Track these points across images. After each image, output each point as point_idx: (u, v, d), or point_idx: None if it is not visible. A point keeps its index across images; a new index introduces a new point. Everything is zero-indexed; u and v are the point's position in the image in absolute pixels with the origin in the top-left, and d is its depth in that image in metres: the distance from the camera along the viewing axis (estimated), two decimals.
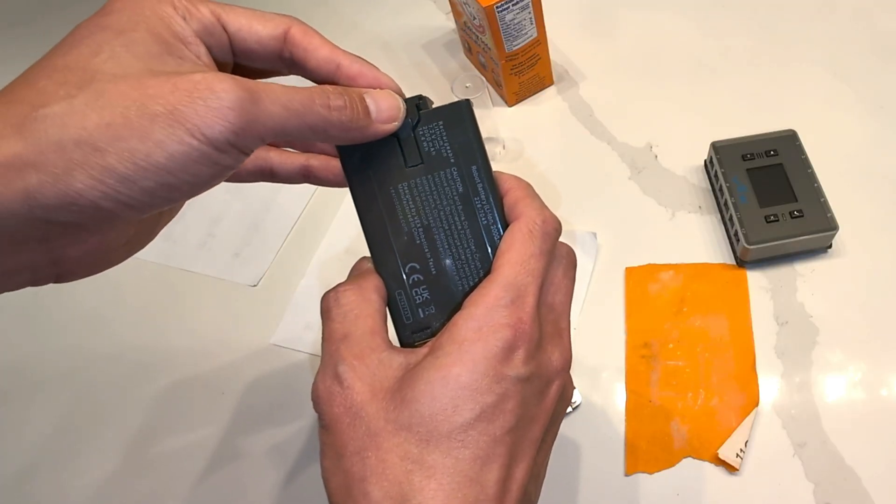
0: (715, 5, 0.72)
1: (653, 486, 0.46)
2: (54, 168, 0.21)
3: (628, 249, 0.57)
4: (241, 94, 0.22)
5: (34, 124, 0.21)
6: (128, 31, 0.24)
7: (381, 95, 0.28)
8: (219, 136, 0.22)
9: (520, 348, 0.27)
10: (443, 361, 0.26)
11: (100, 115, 0.21)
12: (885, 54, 0.66)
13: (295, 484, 0.50)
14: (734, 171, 0.55)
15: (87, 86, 0.22)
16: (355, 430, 0.26)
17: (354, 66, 0.29)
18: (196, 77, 0.22)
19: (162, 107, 0.22)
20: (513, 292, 0.27)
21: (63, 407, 0.56)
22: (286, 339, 0.56)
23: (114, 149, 0.21)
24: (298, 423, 0.52)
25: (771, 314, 0.52)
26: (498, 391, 0.26)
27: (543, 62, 0.66)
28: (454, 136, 0.30)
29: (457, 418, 0.25)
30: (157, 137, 0.22)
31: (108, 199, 0.22)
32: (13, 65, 0.94)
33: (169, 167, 0.22)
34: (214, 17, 0.26)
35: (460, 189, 0.30)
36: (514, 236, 0.28)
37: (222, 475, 0.51)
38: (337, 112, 0.26)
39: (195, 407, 0.54)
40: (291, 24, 0.28)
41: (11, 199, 0.21)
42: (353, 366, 0.27)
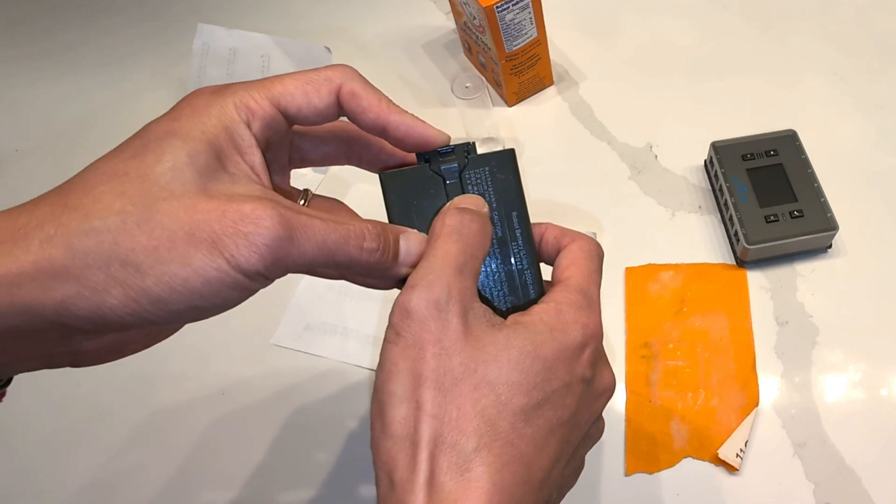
0: (715, 5, 0.72)
1: (653, 486, 0.46)
2: (94, 283, 0.22)
3: (628, 249, 0.57)
4: (280, 234, 0.24)
5: (85, 238, 0.22)
6: (192, 139, 0.25)
7: (415, 240, 0.29)
8: (251, 268, 0.24)
9: (588, 349, 0.28)
10: (538, 338, 0.27)
11: (149, 237, 0.23)
12: (885, 54, 0.66)
13: (295, 484, 0.50)
14: (734, 171, 0.55)
15: (141, 201, 0.23)
16: (441, 364, 0.25)
17: (401, 128, 0.30)
18: (245, 208, 0.24)
19: (207, 234, 0.23)
20: (587, 298, 0.29)
21: (61, 407, 0.56)
22: (286, 339, 0.56)
23: (154, 272, 0.23)
24: (299, 423, 0.52)
25: (771, 314, 0.52)
26: (566, 381, 0.27)
27: (543, 62, 0.66)
28: (498, 182, 0.31)
29: (533, 395, 0.26)
30: (197, 265, 0.23)
31: (135, 316, 0.23)
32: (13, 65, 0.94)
33: (202, 292, 0.24)
34: (273, 108, 0.27)
35: (499, 234, 0.31)
36: (574, 253, 0.30)
37: (222, 475, 0.51)
38: (367, 254, 0.27)
39: (195, 407, 0.54)
40: (341, 82, 0.29)
41: (45, 305, 0.22)
42: (457, 299, 0.26)
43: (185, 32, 0.70)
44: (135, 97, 0.76)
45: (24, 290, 0.22)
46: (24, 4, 0.88)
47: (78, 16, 0.86)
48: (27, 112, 0.78)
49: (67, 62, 0.81)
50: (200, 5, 0.85)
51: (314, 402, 0.53)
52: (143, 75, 0.78)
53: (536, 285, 0.31)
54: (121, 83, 0.78)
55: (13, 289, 0.22)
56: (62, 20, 0.86)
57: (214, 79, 0.68)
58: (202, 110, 0.26)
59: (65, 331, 0.24)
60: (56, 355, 0.26)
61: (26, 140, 0.75)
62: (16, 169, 0.73)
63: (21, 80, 0.80)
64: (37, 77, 0.80)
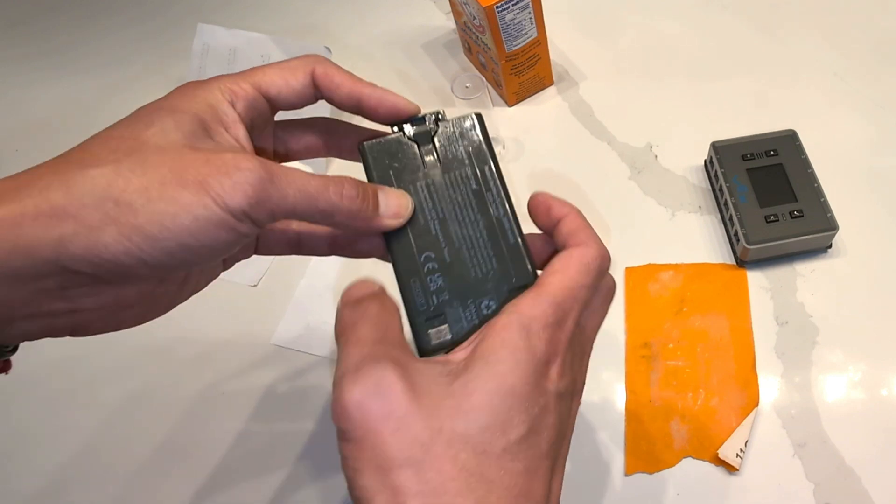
0: (715, 5, 0.72)
1: (653, 486, 0.46)
2: (91, 221, 0.24)
3: (628, 249, 0.57)
4: (262, 174, 0.26)
5: (82, 181, 0.24)
6: (178, 111, 0.27)
7: (393, 194, 0.31)
8: (236, 206, 0.25)
9: (555, 363, 0.27)
10: (498, 369, 0.26)
11: (140, 179, 0.24)
12: (885, 54, 0.66)
13: (296, 483, 0.50)
14: (734, 171, 0.55)
15: (134, 153, 0.25)
16: (402, 440, 0.24)
17: (373, 98, 0.32)
18: (227, 155, 0.26)
19: (193, 177, 0.25)
20: (560, 314, 0.28)
21: (60, 408, 0.56)
22: (286, 339, 0.56)
23: (146, 210, 0.24)
24: (299, 423, 0.52)
25: (771, 314, 0.52)
26: (542, 403, 0.26)
27: (543, 62, 0.66)
28: (468, 142, 0.34)
29: (512, 431, 0.25)
30: (185, 202, 0.25)
31: (129, 255, 0.25)
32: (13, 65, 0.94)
33: (191, 229, 0.25)
34: (255, 90, 0.30)
35: (474, 186, 0.33)
36: (571, 261, 0.29)
37: (222, 475, 0.51)
38: (348, 200, 0.28)
39: (195, 407, 0.54)
40: (315, 66, 0.31)
41: (44, 244, 0.24)
42: (392, 369, 0.25)
43: (185, 32, 0.70)
44: (135, 97, 0.76)
45: (24, 229, 0.23)
46: (24, 4, 0.88)
47: (78, 16, 0.86)
48: (27, 112, 0.78)
49: (67, 62, 0.81)
50: (200, 5, 0.85)
51: (314, 402, 0.53)
52: (144, 75, 0.78)
53: (515, 230, 0.33)
54: (121, 83, 0.78)
55: (15, 228, 0.23)
56: (62, 20, 0.86)
57: None
58: (189, 92, 0.29)
59: (64, 276, 0.25)
60: (57, 315, 0.26)
61: (26, 140, 0.75)
62: (16, 169, 0.73)
63: (21, 80, 0.80)
64: (37, 77, 0.80)
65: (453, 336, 0.31)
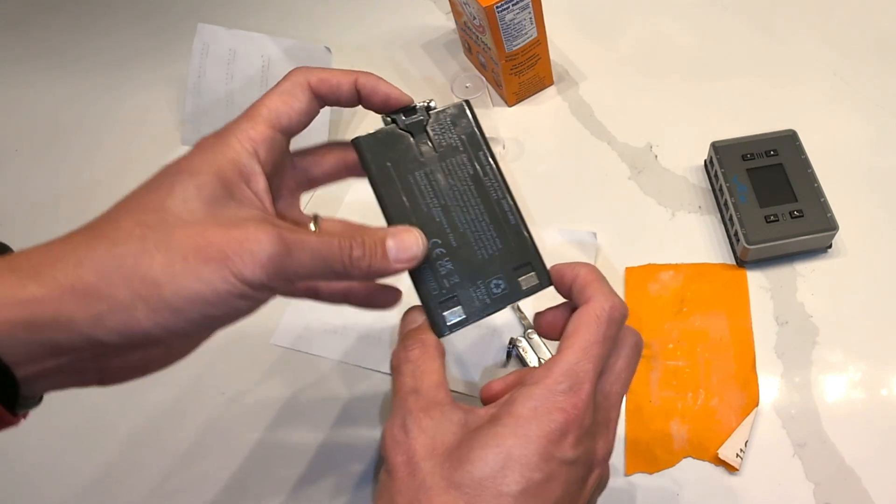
0: (715, 5, 0.72)
1: (653, 486, 0.46)
2: (122, 299, 0.25)
3: (628, 249, 0.57)
4: (279, 248, 0.27)
5: (111, 260, 0.26)
6: (199, 174, 0.28)
7: (401, 236, 0.31)
8: (255, 279, 0.27)
9: (570, 433, 0.29)
10: (499, 431, 0.28)
11: (165, 255, 0.26)
12: (885, 54, 0.66)
13: (296, 483, 0.50)
14: (734, 171, 0.55)
15: (158, 228, 0.26)
16: (412, 481, 0.28)
17: (367, 85, 0.33)
18: (247, 228, 0.27)
19: (215, 252, 0.26)
20: (572, 378, 0.29)
21: (59, 407, 0.56)
22: (286, 339, 0.56)
23: (171, 285, 0.26)
24: (299, 423, 0.52)
25: (771, 314, 0.52)
26: (546, 470, 0.28)
27: (543, 62, 0.66)
28: (461, 129, 0.34)
29: (503, 487, 0.27)
30: (207, 277, 0.26)
31: (158, 327, 0.26)
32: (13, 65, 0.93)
33: (213, 301, 0.26)
34: (269, 128, 0.31)
35: (471, 171, 0.34)
36: (580, 320, 0.31)
37: (222, 475, 0.51)
38: (357, 261, 0.30)
39: (195, 407, 0.54)
40: (306, 78, 0.32)
41: (82, 320, 0.25)
42: (418, 418, 0.30)
43: (185, 32, 0.70)
44: (135, 97, 0.76)
45: (65, 306, 0.25)
46: (24, 4, 0.88)
47: (78, 16, 0.86)
48: (27, 112, 0.78)
49: (67, 62, 0.81)
50: (200, 5, 0.85)
51: (314, 402, 0.53)
52: (143, 75, 0.78)
53: (514, 210, 0.34)
54: (121, 83, 0.78)
55: (55, 304, 0.25)
56: (62, 20, 0.86)
57: (214, 79, 0.68)
58: (208, 149, 0.30)
59: (98, 346, 0.26)
60: (87, 372, 0.28)
61: (26, 140, 0.75)
62: (16, 169, 0.73)
63: (21, 80, 0.80)
64: (37, 77, 0.80)
65: (468, 316, 0.33)
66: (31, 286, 0.25)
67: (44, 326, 0.25)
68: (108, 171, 0.70)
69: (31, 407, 0.29)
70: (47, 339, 0.25)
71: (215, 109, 0.69)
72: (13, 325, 0.25)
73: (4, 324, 0.24)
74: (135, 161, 0.70)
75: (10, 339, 0.25)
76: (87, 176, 0.71)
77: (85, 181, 0.70)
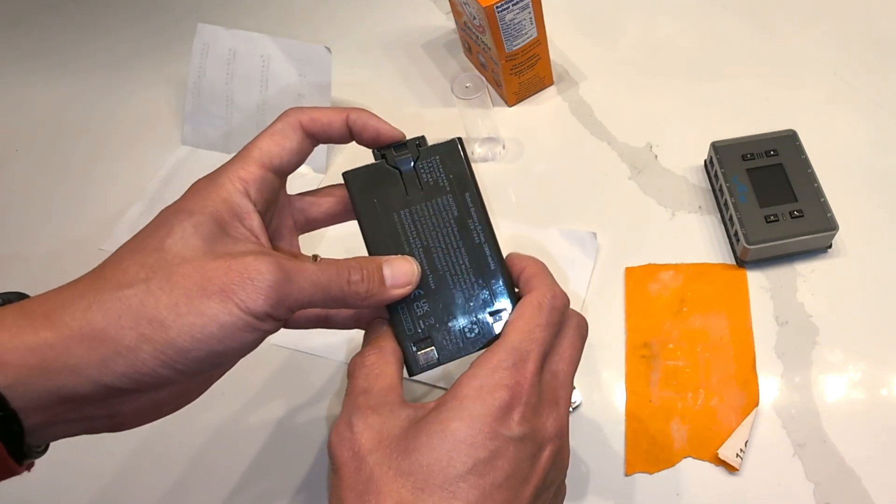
0: (715, 5, 0.72)
1: (653, 486, 0.46)
2: (128, 341, 0.26)
3: (628, 249, 0.57)
4: (279, 276, 0.28)
5: (117, 302, 0.26)
6: (196, 213, 0.29)
7: (397, 264, 0.32)
8: (259, 309, 0.27)
9: (515, 409, 0.29)
10: (444, 416, 0.28)
11: (169, 295, 0.26)
12: (885, 54, 0.66)
13: (295, 482, 0.50)
14: (734, 171, 0.55)
15: (160, 269, 0.27)
16: (359, 475, 0.28)
17: (358, 122, 0.34)
18: (247, 260, 0.28)
19: (217, 287, 0.27)
20: (515, 356, 0.30)
21: None
22: (286, 339, 0.56)
23: (177, 325, 0.26)
24: (298, 423, 0.52)
25: (771, 314, 0.52)
26: (491, 447, 0.28)
27: (543, 62, 0.66)
28: (449, 168, 0.34)
29: (450, 470, 0.27)
30: (212, 313, 0.26)
31: (166, 367, 0.26)
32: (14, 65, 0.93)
33: (218, 336, 0.27)
34: (261, 168, 0.32)
35: (455, 213, 0.34)
36: (524, 307, 0.32)
37: (222, 475, 0.51)
38: (355, 286, 0.31)
39: (195, 407, 0.54)
40: (298, 118, 0.33)
41: (89, 364, 0.25)
42: (365, 415, 0.30)
43: (185, 32, 0.70)
44: (135, 97, 0.76)
45: (72, 351, 0.25)
46: (24, 4, 0.88)
47: (78, 15, 0.86)
48: (27, 112, 0.78)
49: (67, 62, 0.81)
50: (200, 5, 0.85)
51: (314, 402, 0.53)
52: (143, 75, 0.78)
53: (494, 256, 0.34)
54: (121, 83, 0.78)
55: (64, 351, 0.25)
56: (62, 20, 0.86)
57: (214, 79, 0.68)
58: (202, 190, 0.30)
59: (106, 391, 0.26)
60: (97, 418, 0.28)
61: (26, 140, 0.75)
62: (16, 169, 0.73)
63: (21, 80, 0.80)
64: (37, 77, 0.80)
65: (440, 358, 0.34)
66: (43, 332, 0.25)
67: (53, 372, 0.25)
68: (109, 171, 0.70)
69: (37, 456, 0.30)
70: (56, 386, 0.25)
71: (215, 109, 0.69)
72: (25, 371, 0.25)
73: (16, 369, 0.25)
74: (134, 161, 0.71)
75: (22, 385, 0.25)
76: (87, 176, 0.71)
77: (85, 181, 0.70)
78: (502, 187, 0.62)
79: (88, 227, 0.66)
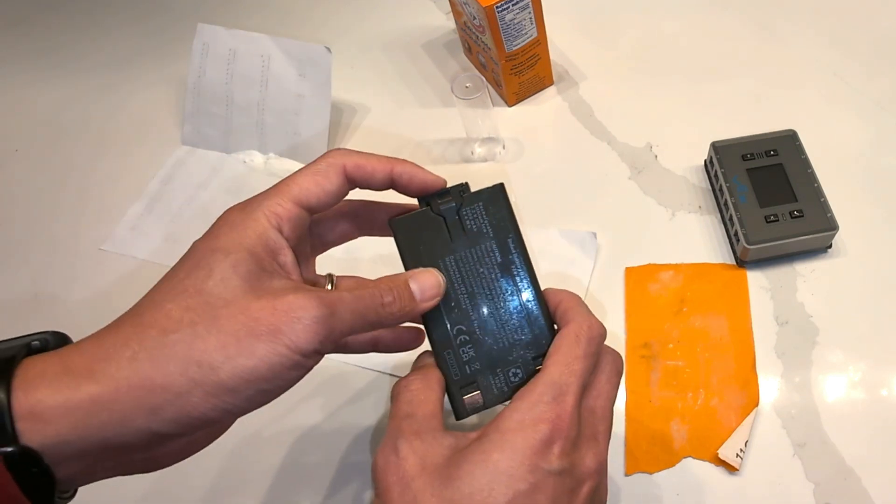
0: (715, 5, 0.72)
1: (653, 486, 0.46)
2: (178, 388, 0.26)
3: (628, 249, 0.57)
4: (324, 312, 0.28)
5: (165, 349, 0.26)
6: (232, 252, 0.29)
7: (423, 277, 0.33)
8: (308, 347, 0.28)
9: (556, 443, 0.29)
10: (486, 447, 0.29)
11: (216, 338, 0.26)
12: (885, 54, 0.66)
13: (295, 482, 0.50)
14: (734, 171, 0.55)
15: (204, 311, 0.27)
16: (403, 499, 0.29)
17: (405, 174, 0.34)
18: (290, 299, 0.28)
19: (265, 328, 0.27)
20: (555, 390, 0.30)
21: None
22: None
23: (226, 367, 0.26)
24: (299, 424, 0.52)
25: (771, 314, 0.52)
26: (531, 480, 0.28)
27: (543, 62, 0.66)
28: (492, 214, 0.35)
29: (490, 500, 0.28)
30: (261, 354, 0.27)
31: (216, 410, 0.27)
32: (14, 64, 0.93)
33: (268, 376, 0.27)
34: (297, 207, 0.32)
35: (499, 259, 0.35)
36: (561, 340, 0.32)
37: (221, 474, 0.51)
38: (388, 307, 0.31)
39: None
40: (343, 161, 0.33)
41: (138, 415, 0.25)
42: (410, 440, 0.30)
43: (185, 32, 0.70)
44: (135, 97, 0.76)
45: (120, 404, 0.25)
46: (24, 4, 0.88)
47: (78, 15, 0.86)
48: (27, 112, 0.78)
49: (67, 62, 0.81)
50: (200, 5, 0.85)
51: (314, 402, 0.53)
52: (143, 75, 0.78)
53: (536, 300, 0.35)
54: (121, 83, 0.78)
55: (111, 404, 0.25)
56: (62, 20, 0.86)
57: (214, 79, 0.68)
58: (238, 225, 0.30)
59: (153, 437, 0.26)
60: (135, 462, 0.28)
61: (26, 140, 0.75)
62: (16, 169, 0.73)
63: (21, 80, 0.80)
64: (37, 77, 0.80)
65: (485, 402, 0.35)
66: (87, 386, 0.25)
67: (98, 426, 0.25)
68: (109, 171, 0.70)
69: (67, 501, 0.29)
70: (100, 438, 0.25)
71: (215, 109, 0.69)
72: (67, 428, 0.24)
73: (57, 427, 0.24)
74: (134, 161, 0.71)
75: (64, 444, 0.25)
76: (86, 176, 0.71)
77: (85, 181, 0.70)
78: None
79: (88, 227, 0.66)
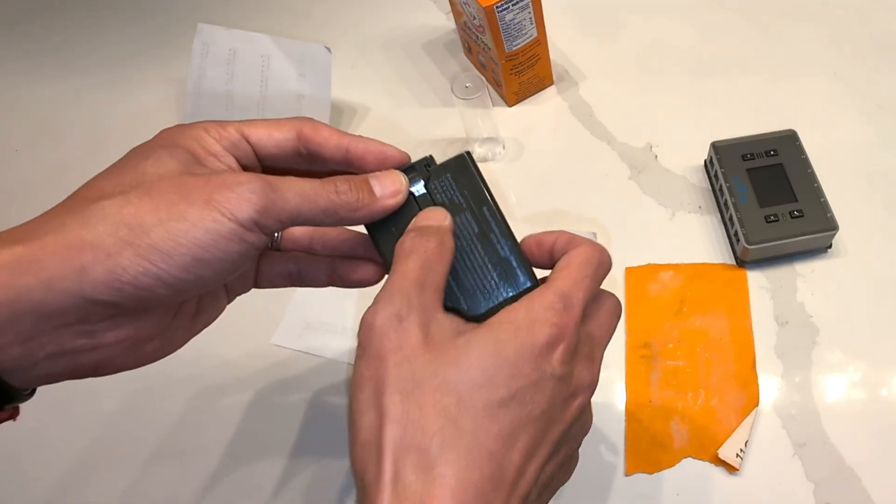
0: (715, 5, 0.72)
1: (653, 486, 0.46)
2: (108, 247, 0.25)
3: (628, 249, 0.57)
4: (263, 184, 0.27)
5: (95, 212, 0.26)
6: (170, 146, 0.29)
7: (384, 175, 0.32)
8: (245, 215, 0.27)
9: (559, 347, 0.28)
10: (499, 337, 0.28)
11: (148, 203, 0.26)
12: (885, 54, 0.66)
13: (294, 482, 0.50)
14: (734, 171, 0.55)
15: (138, 184, 0.27)
16: (401, 371, 0.27)
17: (360, 145, 0.32)
18: (226, 174, 0.28)
19: (199, 195, 0.26)
20: (565, 301, 0.29)
21: (61, 409, 0.56)
22: (286, 339, 0.56)
23: (158, 229, 0.25)
24: (299, 424, 0.52)
25: (771, 314, 0.52)
26: (533, 378, 0.28)
27: (543, 62, 0.66)
28: (462, 184, 0.33)
29: (495, 392, 0.27)
30: (195, 218, 0.26)
31: (147, 274, 0.26)
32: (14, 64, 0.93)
33: (203, 242, 0.26)
34: (239, 134, 0.31)
35: (476, 229, 0.33)
36: (573, 258, 0.31)
37: (221, 474, 0.51)
38: (343, 195, 0.30)
39: (195, 408, 0.54)
40: (303, 124, 0.32)
41: (65, 276, 0.25)
42: (417, 310, 0.28)
43: (185, 32, 0.70)
44: (135, 97, 0.76)
45: (45, 264, 0.24)
46: (24, 3, 0.88)
47: (78, 15, 0.86)
48: (27, 112, 0.78)
49: (67, 61, 0.81)
50: (200, 5, 0.85)
51: (314, 402, 0.53)
52: (143, 75, 0.78)
53: (523, 267, 0.33)
54: (120, 83, 0.78)
55: (35, 264, 0.24)
56: (62, 19, 0.86)
57: (214, 79, 0.68)
58: (176, 132, 0.30)
59: (85, 308, 0.25)
60: (79, 353, 0.27)
61: (26, 140, 0.75)
62: (16, 169, 0.73)
63: (21, 80, 0.80)
64: (37, 77, 0.80)
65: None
66: (12, 247, 0.25)
67: (25, 288, 0.24)
68: None
69: (23, 400, 0.29)
70: (31, 304, 0.24)
71: (215, 109, 0.69)
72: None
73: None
74: None
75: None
76: (87, 176, 0.71)
77: (85, 181, 0.70)
78: (502, 187, 0.62)
79: None
